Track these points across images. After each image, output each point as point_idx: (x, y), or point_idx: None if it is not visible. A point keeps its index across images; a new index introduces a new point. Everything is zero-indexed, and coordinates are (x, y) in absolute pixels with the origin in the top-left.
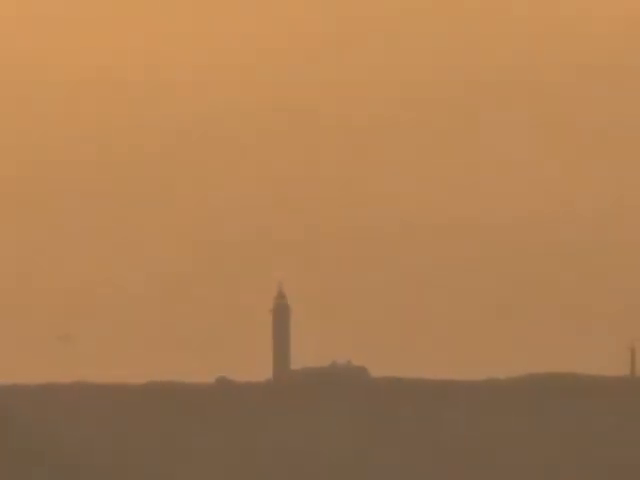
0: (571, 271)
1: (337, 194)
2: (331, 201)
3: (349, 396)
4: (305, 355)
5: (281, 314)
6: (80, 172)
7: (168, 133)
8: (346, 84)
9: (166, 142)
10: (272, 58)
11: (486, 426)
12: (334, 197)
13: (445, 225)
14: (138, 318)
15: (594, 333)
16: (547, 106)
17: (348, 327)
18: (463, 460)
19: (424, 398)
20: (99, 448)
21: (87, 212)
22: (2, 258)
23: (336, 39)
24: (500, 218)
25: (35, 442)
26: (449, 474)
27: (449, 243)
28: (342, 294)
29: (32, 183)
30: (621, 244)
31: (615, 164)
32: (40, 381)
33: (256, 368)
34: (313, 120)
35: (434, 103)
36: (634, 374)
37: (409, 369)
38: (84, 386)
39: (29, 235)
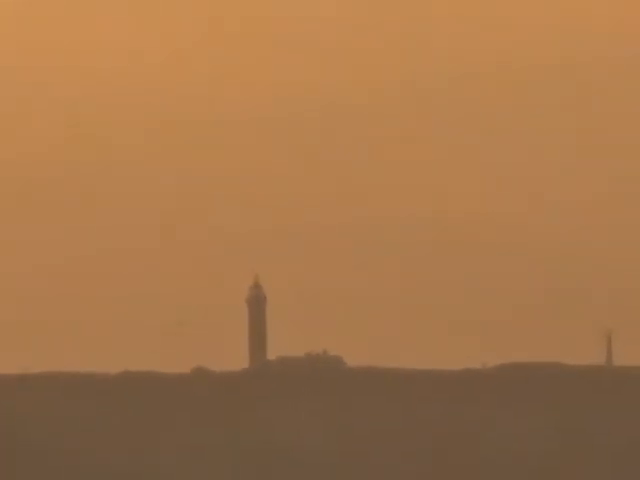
0: (546, 260)
1: (313, 185)
2: (306, 192)
3: (325, 386)
4: (281, 345)
5: (257, 304)
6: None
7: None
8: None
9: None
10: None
11: (464, 416)
12: (309, 188)
13: (421, 213)
14: (113, 307)
15: (570, 321)
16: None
17: (324, 317)
18: (441, 450)
19: (401, 388)
20: (72, 439)
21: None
22: None
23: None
24: (479, 209)
25: (6, 433)
26: (427, 464)
27: (425, 233)
28: (318, 284)
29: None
30: (598, 233)
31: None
32: (12, 371)
33: (232, 358)
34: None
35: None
36: (610, 362)
37: (386, 358)
38: (58, 375)
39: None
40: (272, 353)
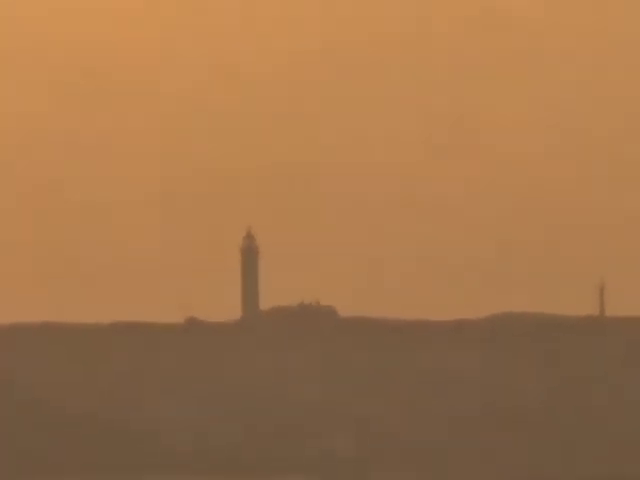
0: (539, 210)
1: (303, 136)
2: (299, 143)
3: (317, 335)
4: (273, 295)
5: (250, 254)
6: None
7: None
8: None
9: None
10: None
11: (455, 365)
12: (302, 139)
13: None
14: (106, 259)
15: (563, 273)
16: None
17: (316, 267)
18: (432, 400)
19: (393, 338)
20: (66, 388)
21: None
22: None
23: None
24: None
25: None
26: (418, 413)
27: (421, 183)
28: (310, 234)
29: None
30: (588, 181)
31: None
32: (4, 322)
33: (225, 308)
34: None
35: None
36: (603, 313)
37: (378, 309)
38: (51, 326)
39: None
40: (265, 303)
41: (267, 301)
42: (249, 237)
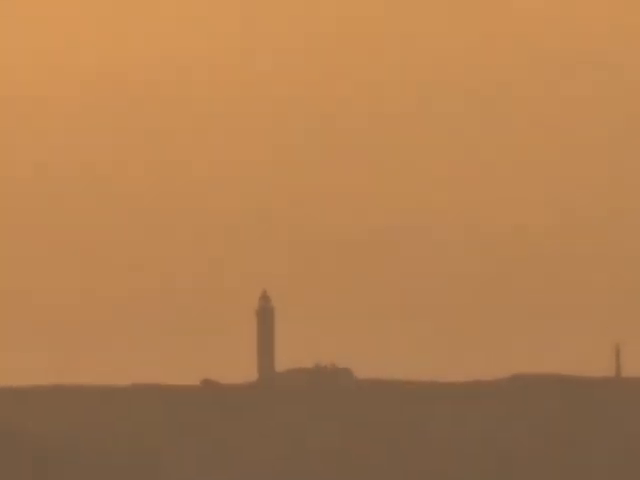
0: (556, 272)
1: (323, 199)
2: (316, 205)
3: (334, 397)
4: (289, 357)
5: (265, 316)
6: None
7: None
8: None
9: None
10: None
11: (471, 427)
12: (319, 202)
13: (431, 227)
14: (124, 321)
15: (579, 334)
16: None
17: (332, 329)
18: (448, 461)
19: (409, 399)
20: (85, 449)
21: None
22: None
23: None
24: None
25: (19, 443)
26: (434, 474)
27: (434, 245)
28: (326, 296)
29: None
30: (606, 246)
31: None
32: (22, 384)
33: (241, 370)
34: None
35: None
36: (619, 374)
37: (393, 370)
38: (68, 388)
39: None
40: (280, 365)
41: (283, 363)
42: (264, 298)
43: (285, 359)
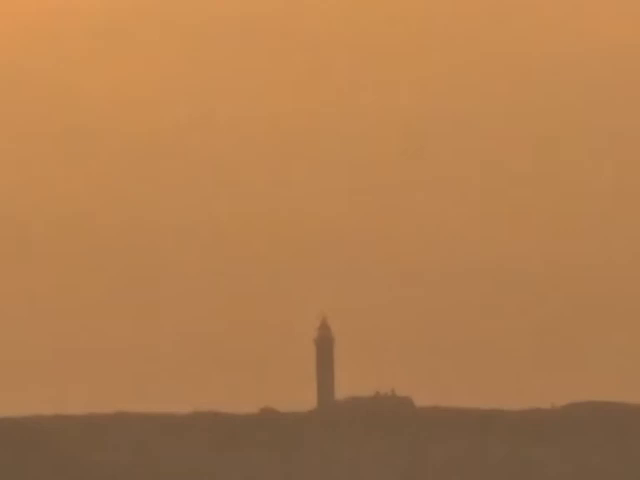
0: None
1: (378, 224)
2: (373, 230)
3: (394, 426)
4: (349, 385)
5: (324, 345)
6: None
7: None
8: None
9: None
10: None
11: (530, 455)
12: (376, 227)
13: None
14: (184, 349)
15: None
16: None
17: (392, 357)
18: None
19: (470, 427)
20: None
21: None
22: None
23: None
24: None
25: (78, 472)
26: None
27: (488, 275)
28: (385, 324)
29: None
30: None
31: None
32: (80, 412)
33: (301, 398)
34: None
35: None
36: None
37: (453, 398)
38: (127, 416)
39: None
40: (340, 393)
41: (342, 391)
42: (324, 327)
43: (345, 387)
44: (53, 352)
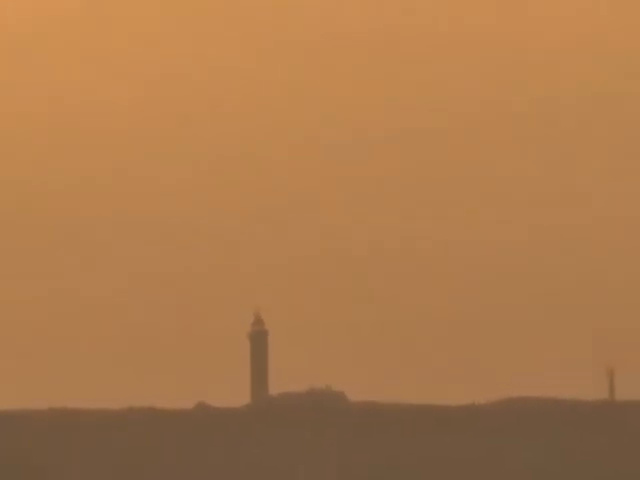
0: (548, 291)
1: (315, 217)
2: (308, 224)
3: (328, 421)
4: (283, 380)
5: (258, 339)
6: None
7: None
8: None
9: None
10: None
11: (465, 451)
12: (312, 219)
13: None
14: (117, 342)
15: (572, 355)
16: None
17: (326, 352)
18: None
19: (404, 423)
20: (76, 474)
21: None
22: None
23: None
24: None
25: (10, 468)
26: None
27: (428, 263)
28: (320, 318)
29: None
30: (599, 263)
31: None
32: (14, 407)
33: (234, 393)
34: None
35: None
36: (613, 397)
37: (388, 393)
38: (61, 412)
39: None
40: (274, 389)
41: (277, 386)
42: (257, 322)
43: (279, 382)
44: None
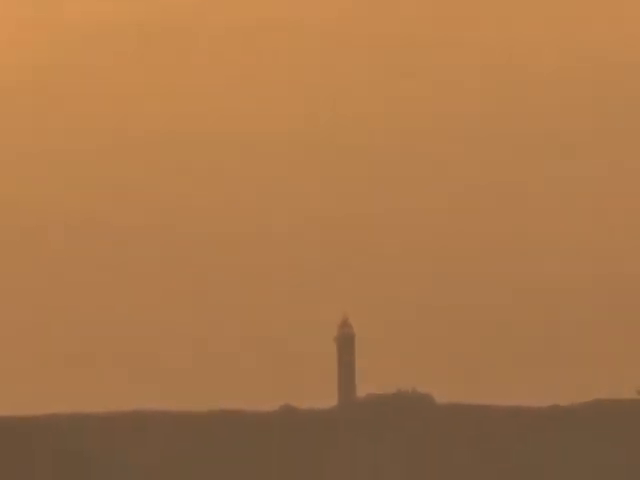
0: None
1: (401, 223)
2: (394, 230)
3: (414, 423)
4: (370, 383)
5: (346, 342)
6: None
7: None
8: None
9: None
10: None
11: (552, 453)
12: (398, 225)
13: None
14: (204, 348)
15: None
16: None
17: (413, 354)
18: None
19: (489, 425)
20: (163, 477)
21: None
22: None
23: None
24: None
25: (99, 471)
26: None
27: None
28: (407, 321)
29: None
30: None
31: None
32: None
33: (321, 396)
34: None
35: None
36: None
37: (474, 395)
38: (147, 414)
39: None
40: (361, 391)
41: (363, 389)
42: (345, 325)
43: (365, 385)
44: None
